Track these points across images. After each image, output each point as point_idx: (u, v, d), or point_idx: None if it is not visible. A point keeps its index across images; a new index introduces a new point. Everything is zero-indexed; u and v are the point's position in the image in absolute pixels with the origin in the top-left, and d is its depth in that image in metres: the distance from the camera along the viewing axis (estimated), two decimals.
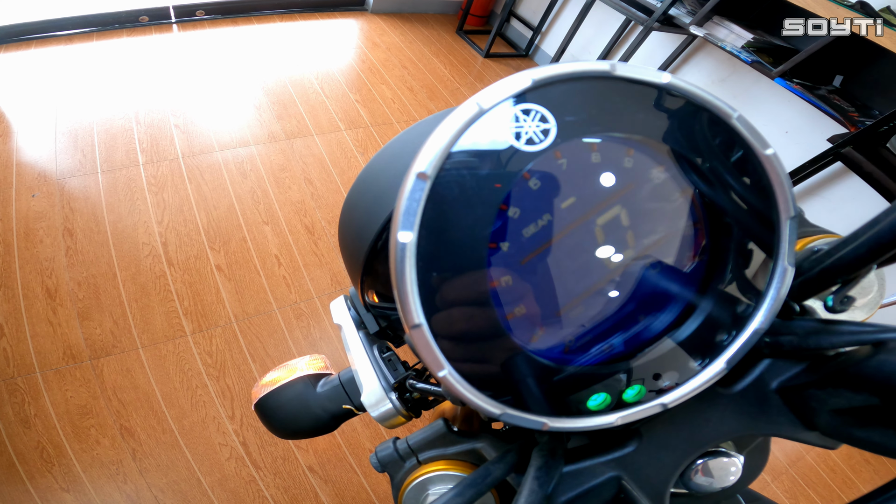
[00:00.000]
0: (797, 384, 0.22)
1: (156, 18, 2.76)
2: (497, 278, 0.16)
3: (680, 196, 0.17)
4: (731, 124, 0.17)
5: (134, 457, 1.30)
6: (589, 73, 0.15)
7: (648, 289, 0.18)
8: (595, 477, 0.24)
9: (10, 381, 1.35)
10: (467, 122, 0.15)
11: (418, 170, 0.14)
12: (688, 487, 0.27)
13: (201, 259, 1.70)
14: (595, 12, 2.79)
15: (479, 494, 0.22)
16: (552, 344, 0.18)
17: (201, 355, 1.49)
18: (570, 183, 0.16)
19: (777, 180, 0.17)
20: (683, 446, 0.24)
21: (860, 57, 1.80)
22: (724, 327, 0.19)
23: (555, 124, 0.15)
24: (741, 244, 0.18)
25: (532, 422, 0.17)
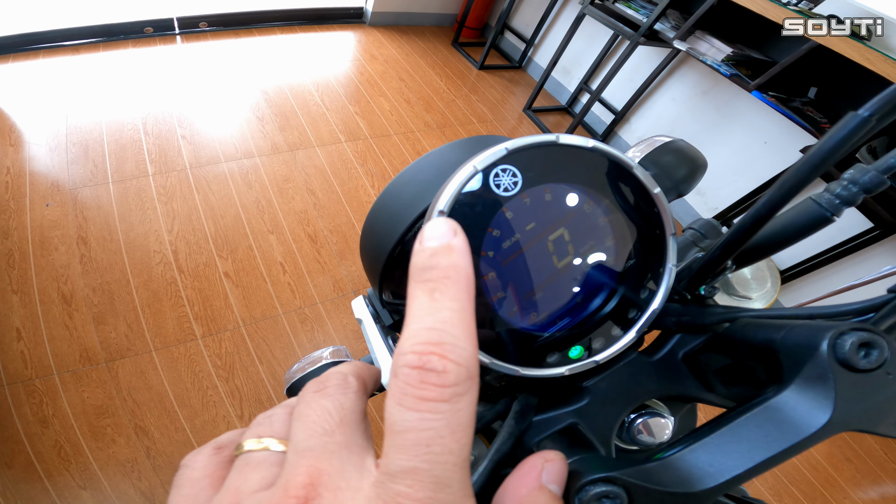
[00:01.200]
0: (694, 353, 0.32)
1: (160, 29, 2.83)
2: (486, 274, 0.25)
3: (604, 220, 0.26)
4: (633, 172, 0.26)
5: (148, 455, 1.37)
6: (543, 142, 0.24)
7: (586, 281, 0.27)
8: (557, 423, 0.33)
9: (29, 382, 1.41)
10: (468, 177, 0.23)
11: (439, 208, 0.23)
12: (635, 442, 0.36)
13: (210, 266, 1.78)
14: (585, 26, 2.89)
15: (476, 431, 0.31)
16: (523, 318, 0.27)
17: (211, 358, 1.57)
18: (532, 213, 0.25)
19: (662, 209, 0.27)
20: (621, 401, 0.33)
21: (834, 69, 1.89)
22: (634, 307, 0.28)
23: (521, 178, 0.24)
24: (644, 251, 0.27)
25: (510, 369, 0.26)
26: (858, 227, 1.97)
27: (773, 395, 0.23)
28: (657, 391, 0.33)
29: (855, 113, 0.22)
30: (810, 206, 0.27)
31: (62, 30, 2.56)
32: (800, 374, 0.22)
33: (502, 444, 0.28)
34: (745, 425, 0.23)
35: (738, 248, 0.27)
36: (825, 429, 0.21)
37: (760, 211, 0.25)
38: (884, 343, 0.21)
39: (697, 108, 2.58)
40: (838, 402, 0.21)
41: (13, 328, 1.50)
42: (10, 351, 1.46)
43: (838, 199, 0.25)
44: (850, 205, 0.25)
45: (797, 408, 0.22)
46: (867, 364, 0.21)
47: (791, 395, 0.22)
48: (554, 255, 0.26)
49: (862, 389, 0.21)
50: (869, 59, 1.64)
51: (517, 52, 3.68)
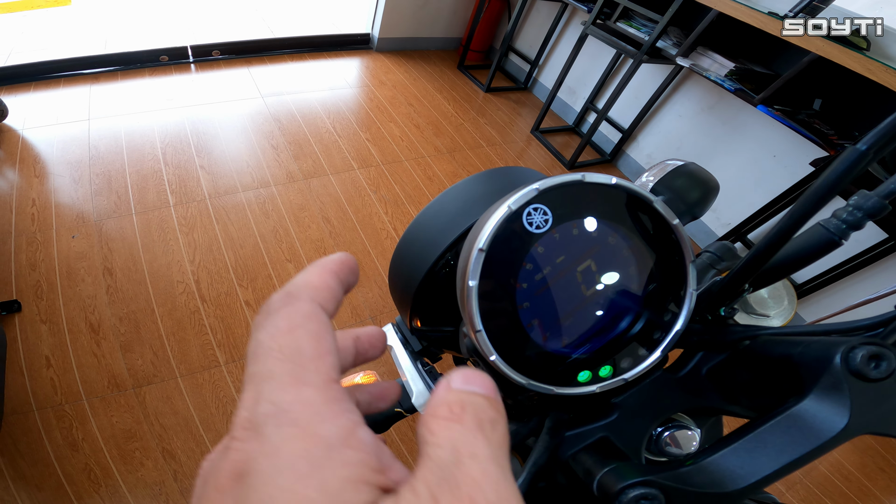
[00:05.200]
0: (718, 369, 0.34)
1: (175, 58, 2.94)
2: (521, 304, 0.28)
3: (627, 250, 0.29)
4: (653, 206, 0.28)
5: (175, 478, 1.39)
6: (570, 182, 0.27)
7: (613, 306, 0.30)
8: (590, 437, 0.35)
9: (58, 407, 1.45)
10: (504, 217, 0.26)
11: (478, 246, 0.26)
12: (664, 454, 0.38)
13: (231, 295, 1.83)
14: (588, 46, 2.94)
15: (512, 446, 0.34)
16: (556, 342, 0.29)
17: (235, 383, 1.60)
18: (561, 248, 0.28)
19: (682, 239, 0.29)
20: (649, 415, 0.35)
21: (837, 80, 1.90)
22: (658, 329, 0.30)
23: (551, 215, 0.27)
24: (665, 276, 0.30)
25: (546, 388, 0.29)
26: (874, 238, 1.96)
27: (795, 404, 0.25)
28: (682, 405, 0.36)
29: (854, 147, 0.25)
30: (819, 231, 0.29)
31: (82, 58, 2.66)
32: (817, 385, 0.25)
33: (539, 457, 0.31)
34: (771, 432, 0.25)
35: (754, 272, 0.30)
36: (844, 432, 0.24)
37: (772, 239, 0.28)
38: (891, 355, 0.24)
39: (704, 123, 2.61)
40: (854, 409, 0.24)
41: (42, 356, 1.54)
42: (39, 378, 1.50)
43: (845, 223, 0.27)
44: (857, 229, 0.27)
45: (817, 415, 0.24)
46: (877, 374, 0.24)
47: (811, 403, 0.25)
48: (582, 284, 0.29)
49: (874, 397, 0.24)
50: (870, 69, 1.66)
51: (522, 73, 3.75)
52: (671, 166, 0.58)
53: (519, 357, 0.28)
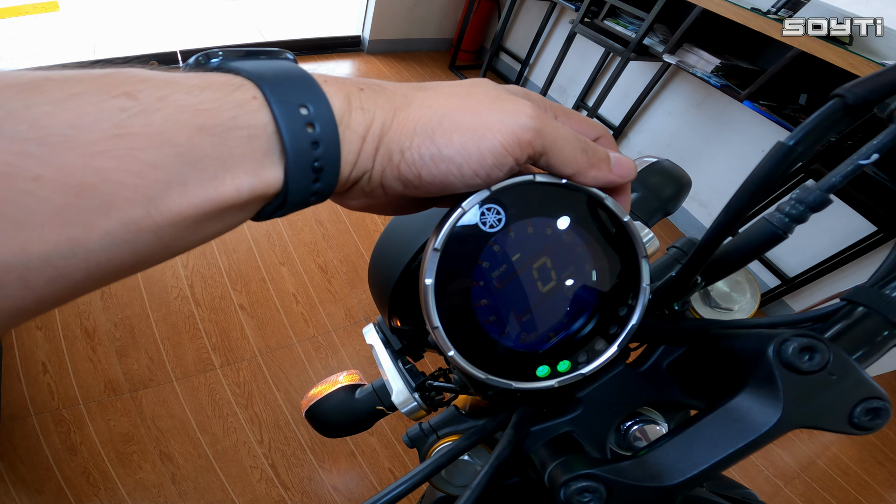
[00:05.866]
0: (677, 362, 0.36)
1: (164, 62, 2.93)
2: (479, 301, 0.28)
3: (582, 247, 0.29)
4: (605, 204, 0.29)
5: (173, 480, 1.40)
6: (521, 182, 0.27)
7: (569, 301, 0.30)
8: (554, 432, 0.36)
9: (56, 412, 1.46)
10: (458, 217, 0.27)
11: (433, 246, 0.27)
12: (631, 448, 0.40)
13: (225, 299, 1.84)
14: (577, 45, 2.96)
15: (479, 440, 0.35)
16: (514, 337, 0.30)
17: (230, 386, 1.61)
18: (516, 246, 0.28)
19: (634, 235, 0.29)
20: (612, 409, 0.37)
21: (821, 75, 1.91)
22: (615, 324, 0.31)
23: (504, 215, 0.27)
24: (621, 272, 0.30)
25: (504, 383, 0.29)
26: (864, 231, 1.99)
27: (731, 398, 0.26)
28: (645, 399, 0.37)
29: (781, 143, 0.25)
30: (763, 225, 0.29)
31: (70, 64, 2.59)
32: (752, 378, 0.26)
33: (502, 451, 0.32)
34: (708, 426, 0.26)
35: (699, 267, 0.31)
36: (777, 426, 0.24)
37: (711, 235, 0.29)
38: (824, 347, 0.24)
39: (693, 120, 2.63)
40: (786, 402, 0.24)
41: (39, 362, 1.55)
42: (36, 383, 1.51)
43: (788, 217, 0.28)
44: (800, 222, 0.28)
45: (751, 408, 0.25)
46: (810, 366, 0.24)
47: (745, 397, 0.26)
48: (539, 281, 0.29)
49: (807, 390, 0.24)
50: (852, 63, 1.68)
51: (513, 72, 3.76)
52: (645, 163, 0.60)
53: (478, 353, 0.29)
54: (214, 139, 0.19)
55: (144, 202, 0.17)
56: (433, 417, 0.49)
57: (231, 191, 0.19)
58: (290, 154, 0.20)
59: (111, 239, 0.17)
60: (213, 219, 0.20)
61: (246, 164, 0.20)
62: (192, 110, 0.18)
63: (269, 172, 0.20)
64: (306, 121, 0.21)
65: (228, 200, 0.19)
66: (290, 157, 0.20)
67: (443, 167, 0.24)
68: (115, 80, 0.18)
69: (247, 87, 0.20)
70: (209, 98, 0.19)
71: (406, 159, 0.24)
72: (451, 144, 0.23)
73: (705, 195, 2.65)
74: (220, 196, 0.19)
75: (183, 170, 0.18)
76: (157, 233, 0.18)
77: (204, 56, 0.23)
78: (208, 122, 0.18)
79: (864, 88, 0.23)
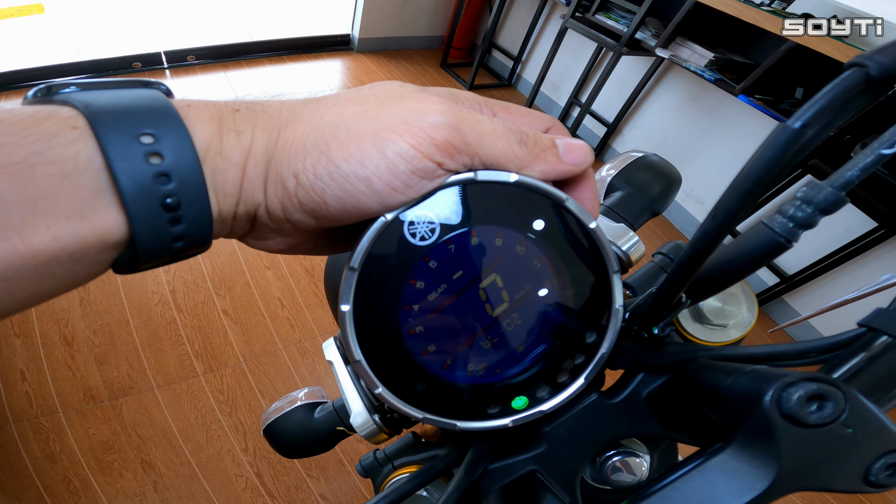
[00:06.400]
0: (657, 393, 0.31)
1: (148, 64, 2.88)
2: (413, 328, 0.24)
3: (540, 261, 0.25)
4: (566, 206, 0.24)
5: (156, 488, 1.37)
6: (458, 181, 0.22)
7: (526, 327, 0.25)
8: (516, 471, 0.32)
9: (35, 420, 1.43)
10: (379, 231, 0.22)
11: (350, 265, 0.22)
12: (608, 483, 0.35)
13: (208, 304, 1.79)
14: (569, 40, 2.92)
15: (425, 482, 0.31)
16: (458, 370, 0.25)
17: (213, 393, 1.57)
18: (457, 261, 0.23)
19: (602, 245, 0.25)
20: (582, 445, 0.32)
21: (817, 68, 1.88)
22: (580, 352, 0.26)
23: (438, 223, 0.23)
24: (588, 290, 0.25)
25: (446, 423, 0.25)
26: (864, 227, 1.94)
27: (716, 453, 0.22)
28: (620, 433, 0.32)
29: (785, 125, 0.18)
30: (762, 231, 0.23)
31: (52, 66, 2.61)
32: (742, 430, 0.21)
33: (448, 497, 0.28)
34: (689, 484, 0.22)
35: (683, 284, 0.26)
36: (769, 492, 0.20)
37: (697, 245, 0.23)
38: (839, 395, 0.19)
39: (688, 115, 2.59)
40: (785, 462, 0.19)
41: (17, 370, 1.51)
42: (14, 391, 1.48)
43: (793, 221, 0.21)
44: (808, 227, 0.21)
45: (738, 468, 0.21)
46: (819, 419, 0.19)
47: (734, 452, 0.21)
48: (487, 303, 0.25)
49: (813, 446, 0.19)
50: (849, 56, 1.63)
51: (506, 69, 3.72)
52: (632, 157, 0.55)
53: (412, 389, 0.25)
54: (14, 179, 0.15)
55: None
56: (389, 444, 0.45)
57: (47, 240, 0.16)
58: (126, 191, 0.17)
59: None
60: (32, 275, 0.16)
61: (66, 207, 0.16)
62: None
63: (101, 216, 0.17)
64: (148, 150, 0.17)
65: (46, 252, 0.16)
66: (125, 195, 0.17)
67: (347, 186, 0.20)
68: None
69: (64, 116, 0.17)
70: (5, 130, 0.16)
71: (302, 184, 0.20)
72: (351, 157, 0.20)
73: (702, 191, 2.61)
74: (31, 248, 0.16)
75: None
76: None
77: (45, 89, 0.19)
78: (3, 160, 0.15)
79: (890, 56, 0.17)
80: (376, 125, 0.20)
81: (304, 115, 0.21)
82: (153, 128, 0.17)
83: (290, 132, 0.21)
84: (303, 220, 0.21)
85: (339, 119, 0.21)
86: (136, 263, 0.19)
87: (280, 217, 0.21)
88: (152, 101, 0.19)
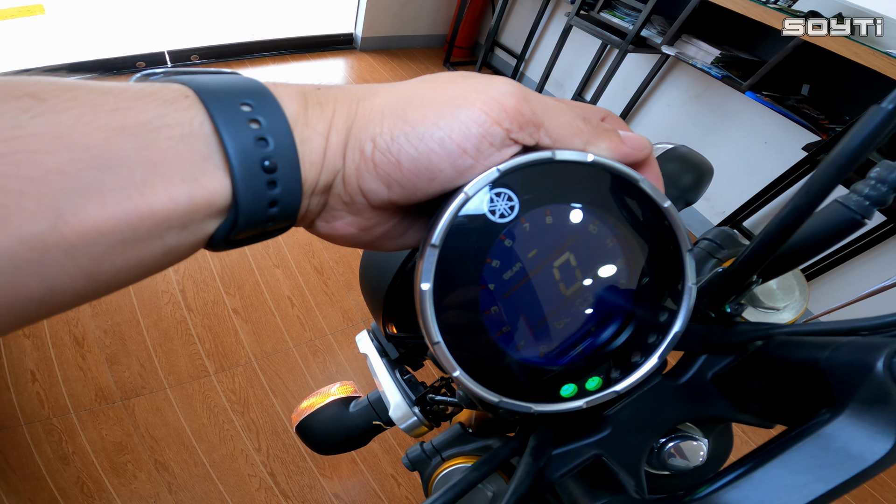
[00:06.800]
0: (725, 374, 0.31)
1: (152, 64, 2.86)
2: (488, 308, 0.23)
3: (612, 240, 0.24)
4: (639, 186, 0.24)
5: (170, 490, 1.36)
6: (538, 160, 0.22)
7: (598, 306, 0.25)
8: (580, 456, 0.31)
9: (46, 421, 1.42)
10: (459, 205, 0.22)
11: (430, 242, 0.22)
12: (667, 468, 0.35)
13: (218, 304, 1.79)
14: (573, 38, 2.92)
15: (490, 471, 0.31)
16: (532, 351, 0.25)
17: (225, 393, 1.57)
18: (532, 239, 0.23)
19: (675, 224, 0.25)
20: (647, 429, 0.32)
21: (823, 65, 1.88)
22: (654, 331, 0.26)
23: (517, 201, 0.22)
24: (659, 270, 0.25)
25: (522, 406, 0.25)
26: (873, 221, 1.94)
27: (827, 422, 0.21)
28: (686, 415, 0.32)
29: (878, 106, 0.20)
30: (837, 209, 0.25)
31: (57, 66, 2.60)
32: (854, 398, 0.21)
33: (519, 483, 0.27)
34: (798, 457, 0.21)
35: (763, 261, 0.26)
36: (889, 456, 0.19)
37: (786, 220, 0.23)
38: None
39: (694, 112, 2.59)
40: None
41: (27, 371, 1.51)
42: (25, 392, 1.47)
43: (868, 199, 0.23)
44: (881, 205, 0.23)
45: (856, 434, 0.20)
46: None
47: (847, 420, 0.21)
48: (561, 282, 0.24)
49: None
50: (857, 52, 1.64)
51: (509, 68, 3.71)
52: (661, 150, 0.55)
53: (489, 371, 0.24)
54: (139, 140, 0.16)
55: (50, 214, 0.14)
56: (436, 437, 0.44)
57: (164, 201, 0.16)
58: (233, 152, 0.18)
59: (10, 259, 0.14)
60: (146, 238, 0.17)
61: (181, 168, 0.17)
62: (109, 109, 0.16)
63: (211, 178, 0.18)
64: (248, 117, 0.18)
65: (161, 212, 0.17)
66: (232, 156, 0.17)
67: (422, 146, 0.21)
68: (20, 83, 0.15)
69: (175, 86, 0.18)
70: (130, 96, 0.16)
71: (379, 147, 0.21)
72: (426, 118, 0.21)
73: (708, 188, 2.60)
74: (150, 207, 0.16)
75: (99, 175, 0.15)
76: (70, 253, 0.15)
77: (142, 76, 0.21)
78: (130, 122, 0.16)
79: None
80: (450, 94, 0.22)
81: (381, 90, 0.23)
82: (250, 98, 0.19)
83: (369, 104, 0.22)
84: (375, 189, 0.22)
85: (413, 90, 0.22)
86: (233, 232, 0.20)
87: (354, 185, 0.22)
88: (243, 80, 0.20)
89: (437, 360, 0.24)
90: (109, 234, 0.16)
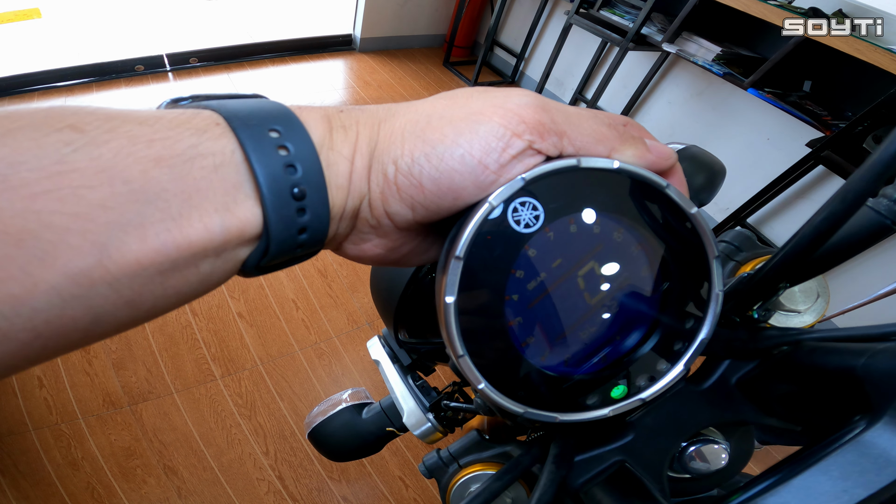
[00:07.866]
0: (750, 378, 0.31)
1: (151, 67, 2.87)
2: (512, 319, 0.23)
3: (637, 248, 0.24)
4: (665, 192, 0.24)
5: (179, 494, 1.37)
6: (563, 168, 0.22)
7: (623, 314, 0.25)
8: (603, 462, 0.31)
9: (55, 427, 1.43)
10: (484, 216, 0.21)
11: (455, 254, 0.21)
12: (688, 471, 0.35)
13: (223, 308, 1.79)
14: (573, 36, 2.91)
15: (513, 479, 0.31)
16: (556, 361, 0.25)
17: (232, 397, 1.57)
18: (557, 249, 0.23)
19: (703, 231, 0.24)
20: (671, 434, 0.32)
21: (825, 61, 1.88)
22: (680, 338, 0.26)
23: (542, 210, 0.22)
24: (684, 277, 0.25)
25: (546, 416, 0.25)
26: None
27: (866, 429, 0.21)
28: (710, 420, 0.32)
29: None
30: (867, 214, 0.24)
31: (55, 70, 2.59)
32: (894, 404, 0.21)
33: (544, 492, 0.27)
34: (836, 464, 0.21)
35: (794, 267, 0.25)
36: None
37: (821, 227, 0.22)
38: None
39: (695, 109, 2.58)
40: None
41: (34, 377, 1.51)
42: (32, 398, 1.47)
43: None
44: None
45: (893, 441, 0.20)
46: None
47: (886, 427, 0.20)
48: (585, 291, 0.24)
49: None
50: (858, 49, 1.64)
51: (508, 67, 3.71)
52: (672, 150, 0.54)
53: (513, 382, 0.24)
54: (175, 171, 0.16)
55: (94, 250, 0.15)
56: (452, 444, 0.44)
57: (200, 231, 0.17)
58: (263, 181, 0.18)
59: (58, 295, 0.14)
60: (183, 268, 0.17)
61: (215, 199, 0.17)
62: (146, 140, 0.16)
63: (242, 208, 0.18)
64: (277, 143, 0.18)
65: (197, 243, 0.17)
66: (263, 185, 0.18)
67: (443, 166, 0.21)
68: (59, 113, 0.16)
69: (206, 113, 0.19)
70: (165, 126, 0.17)
71: (401, 169, 0.21)
72: (445, 137, 0.21)
73: None
74: (187, 238, 0.16)
75: (139, 209, 0.15)
76: (114, 285, 0.15)
77: (171, 102, 0.21)
78: (166, 153, 0.16)
79: None
80: (468, 110, 0.22)
81: (400, 111, 0.23)
82: (279, 124, 0.19)
83: (389, 125, 0.22)
84: (399, 212, 0.22)
85: (431, 109, 0.22)
86: (264, 260, 0.20)
87: (379, 209, 0.22)
88: (270, 105, 0.20)
89: (462, 372, 0.24)
90: (150, 266, 0.16)
